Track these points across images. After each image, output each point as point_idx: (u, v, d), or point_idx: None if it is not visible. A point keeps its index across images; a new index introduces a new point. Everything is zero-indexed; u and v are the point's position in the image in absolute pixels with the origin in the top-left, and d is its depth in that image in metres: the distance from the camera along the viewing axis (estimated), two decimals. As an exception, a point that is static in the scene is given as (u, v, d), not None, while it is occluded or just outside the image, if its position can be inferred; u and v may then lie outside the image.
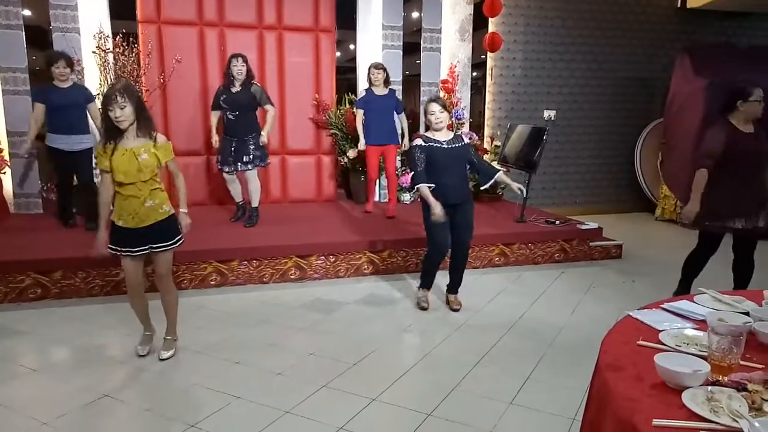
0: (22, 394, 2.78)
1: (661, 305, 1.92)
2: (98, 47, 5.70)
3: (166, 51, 6.00)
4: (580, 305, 4.18)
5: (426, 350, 3.34)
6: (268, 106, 5.21)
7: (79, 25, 5.64)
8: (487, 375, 3.03)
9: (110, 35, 5.79)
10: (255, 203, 5.28)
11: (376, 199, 6.79)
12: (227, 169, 5.20)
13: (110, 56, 5.75)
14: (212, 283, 4.40)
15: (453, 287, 4.08)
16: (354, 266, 4.75)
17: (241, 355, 3.22)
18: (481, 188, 4.21)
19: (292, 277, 4.60)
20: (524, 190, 3.94)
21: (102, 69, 5.74)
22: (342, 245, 4.73)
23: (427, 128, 3.86)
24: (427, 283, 4.06)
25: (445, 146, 3.78)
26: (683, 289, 3.98)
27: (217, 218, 5.56)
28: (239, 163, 5.13)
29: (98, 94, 5.72)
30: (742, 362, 1.41)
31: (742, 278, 3.88)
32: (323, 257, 4.66)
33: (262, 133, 5.17)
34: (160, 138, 2.95)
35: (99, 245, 2.92)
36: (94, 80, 5.75)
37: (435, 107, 3.73)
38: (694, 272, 4.03)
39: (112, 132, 2.81)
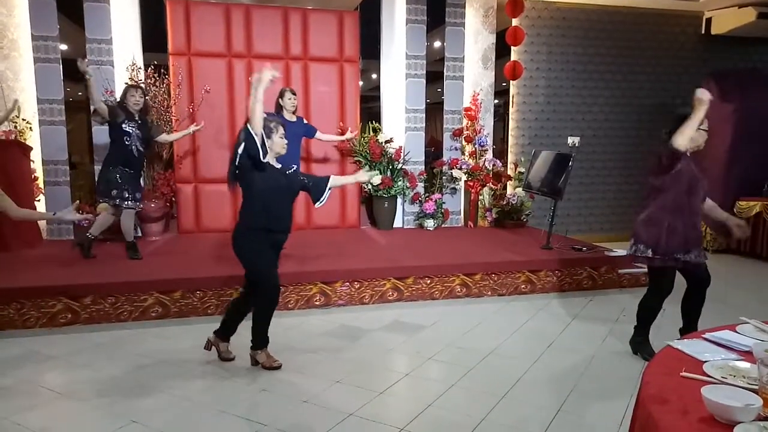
0: (50, 420, 2.79)
1: (703, 335, 1.87)
2: (131, 78, 5.89)
3: (195, 82, 6.17)
4: (611, 334, 4.08)
5: (453, 380, 3.28)
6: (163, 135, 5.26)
7: (113, 57, 5.85)
8: (516, 406, 2.96)
9: (142, 67, 6.00)
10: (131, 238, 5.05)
11: (400, 224, 6.81)
12: (134, 204, 4.99)
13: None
14: (238, 309, 4.42)
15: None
16: (379, 293, 4.73)
17: (266, 382, 3.20)
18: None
19: (317, 303, 4.59)
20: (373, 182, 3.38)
21: (134, 99, 5.92)
22: (367, 272, 4.72)
23: None
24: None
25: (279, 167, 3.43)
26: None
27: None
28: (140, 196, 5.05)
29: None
30: (794, 396, 1.36)
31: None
32: (348, 283, 4.65)
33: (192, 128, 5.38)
34: None
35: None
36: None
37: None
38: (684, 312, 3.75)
39: None
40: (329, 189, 3.61)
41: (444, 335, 4.02)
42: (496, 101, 7.24)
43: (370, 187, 6.48)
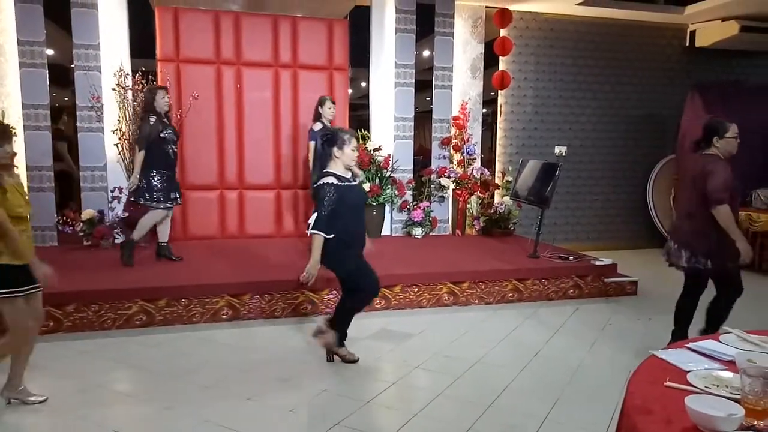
0: (31, 429, 2.74)
1: (686, 345, 1.88)
2: (118, 84, 5.85)
3: (183, 88, 6.14)
4: (597, 343, 4.10)
5: (440, 389, 3.27)
6: None
7: (101, 63, 5.80)
8: (503, 414, 2.96)
9: (130, 73, 5.96)
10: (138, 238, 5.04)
11: (388, 232, 6.81)
12: (170, 204, 5.06)
13: (129, 93, 5.89)
14: (224, 317, 4.38)
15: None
16: (366, 301, 4.71)
17: (252, 391, 3.17)
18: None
19: (304, 311, 4.57)
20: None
21: (121, 105, 5.88)
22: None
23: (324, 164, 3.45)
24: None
25: (354, 183, 3.50)
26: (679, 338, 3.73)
27: (236, 252, 5.57)
28: (179, 196, 5.12)
29: (116, 130, 5.86)
30: (776, 406, 1.37)
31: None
32: (335, 291, 4.63)
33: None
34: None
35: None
36: (113, 116, 5.89)
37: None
38: (690, 318, 3.81)
39: None
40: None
41: (431, 344, 4.01)
42: (485, 110, 7.28)
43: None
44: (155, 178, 4.91)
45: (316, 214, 3.29)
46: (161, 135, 4.88)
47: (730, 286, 3.63)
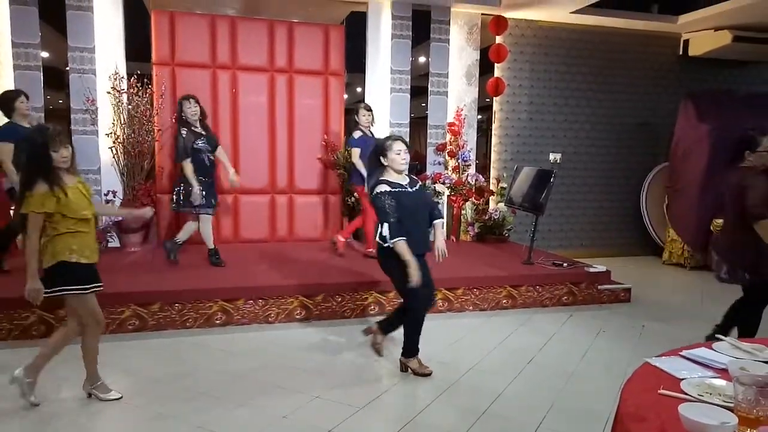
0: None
1: (680, 353, 1.89)
2: (113, 88, 5.83)
3: (179, 92, 6.10)
4: (591, 350, 4.11)
5: (434, 395, 3.27)
6: (219, 147, 5.33)
7: (96, 66, 5.79)
8: (497, 421, 2.96)
9: (125, 76, 5.95)
10: (212, 245, 5.24)
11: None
12: (213, 211, 5.21)
13: (124, 97, 5.87)
14: (217, 322, 4.36)
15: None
16: (360, 307, 4.71)
17: (245, 397, 3.15)
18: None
19: (298, 317, 4.55)
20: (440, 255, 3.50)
21: (116, 109, 5.86)
22: (348, 286, 4.70)
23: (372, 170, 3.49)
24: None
25: (410, 190, 3.44)
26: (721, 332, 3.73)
27: (230, 257, 5.55)
28: (216, 202, 5.22)
29: (110, 133, 5.83)
30: (769, 414, 1.37)
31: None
32: (329, 298, 4.62)
33: (231, 172, 5.33)
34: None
35: (36, 294, 2.82)
36: (107, 119, 5.86)
37: (401, 146, 3.39)
38: (736, 322, 3.81)
39: (52, 173, 2.76)
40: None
41: (425, 350, 3.97)
42: (480, 117, 7.31)
43: (353, 199, 6.47)
44: (196, 186, 4.99)
45: (386, 226, 3.27)
46: (195, 146, 4.98)
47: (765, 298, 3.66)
